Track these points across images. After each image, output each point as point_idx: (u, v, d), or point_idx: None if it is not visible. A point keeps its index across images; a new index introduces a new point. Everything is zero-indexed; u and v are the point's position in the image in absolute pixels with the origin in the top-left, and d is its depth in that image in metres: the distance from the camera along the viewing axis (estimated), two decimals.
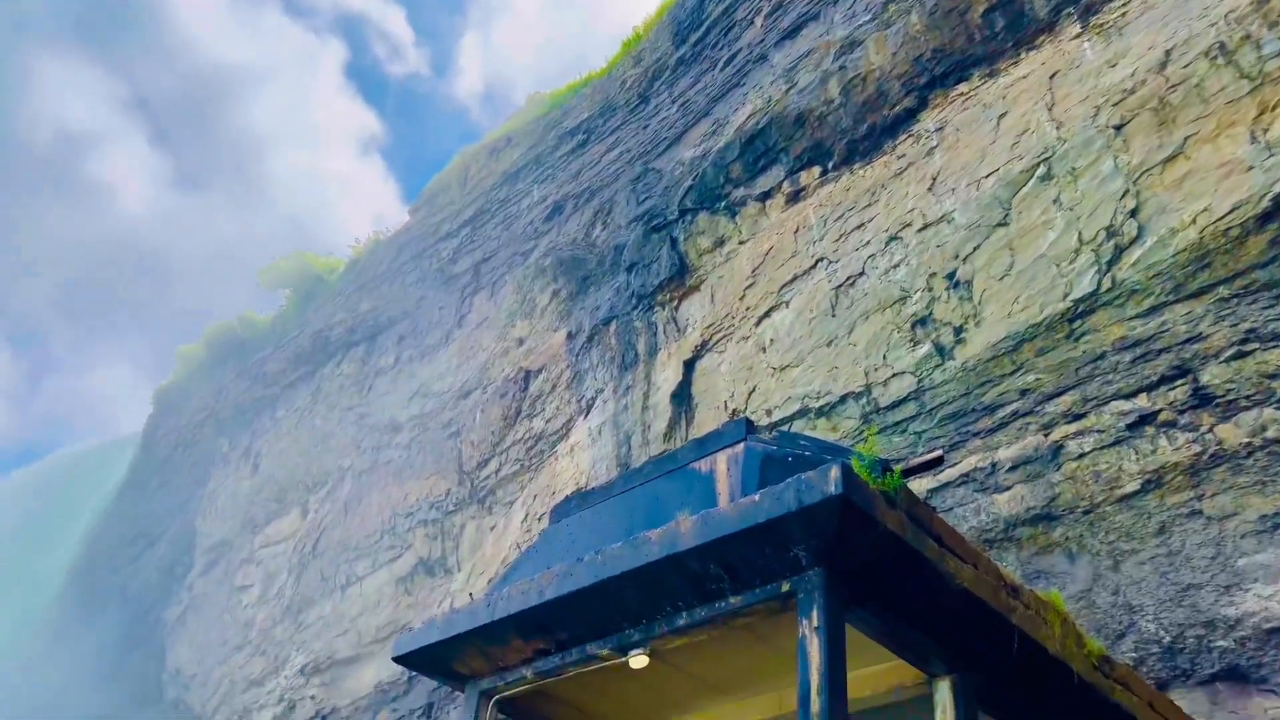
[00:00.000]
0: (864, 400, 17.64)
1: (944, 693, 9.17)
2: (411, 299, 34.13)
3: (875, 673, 9.95)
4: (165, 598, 40.45)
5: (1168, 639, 13.44)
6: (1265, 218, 13.55)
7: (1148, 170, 14.95)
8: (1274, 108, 13.82)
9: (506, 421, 27.82)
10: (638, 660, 9.75)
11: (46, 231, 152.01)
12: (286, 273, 41.74)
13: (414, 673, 26.80)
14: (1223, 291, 13.96)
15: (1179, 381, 14.11)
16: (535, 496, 26.01)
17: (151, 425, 47.98)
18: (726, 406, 20.26)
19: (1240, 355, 13.65)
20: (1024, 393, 15.54)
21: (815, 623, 7.99)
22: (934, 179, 17.90)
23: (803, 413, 18.54)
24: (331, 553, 32.20)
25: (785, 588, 8.39)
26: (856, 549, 8.04)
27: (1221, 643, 13.01)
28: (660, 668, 10.29)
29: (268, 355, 39.88)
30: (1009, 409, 15.66)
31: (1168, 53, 15.02)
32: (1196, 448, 13.83)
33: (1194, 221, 14.20)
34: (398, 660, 11.38)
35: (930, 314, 17.10)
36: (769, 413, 19.02)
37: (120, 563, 44.99)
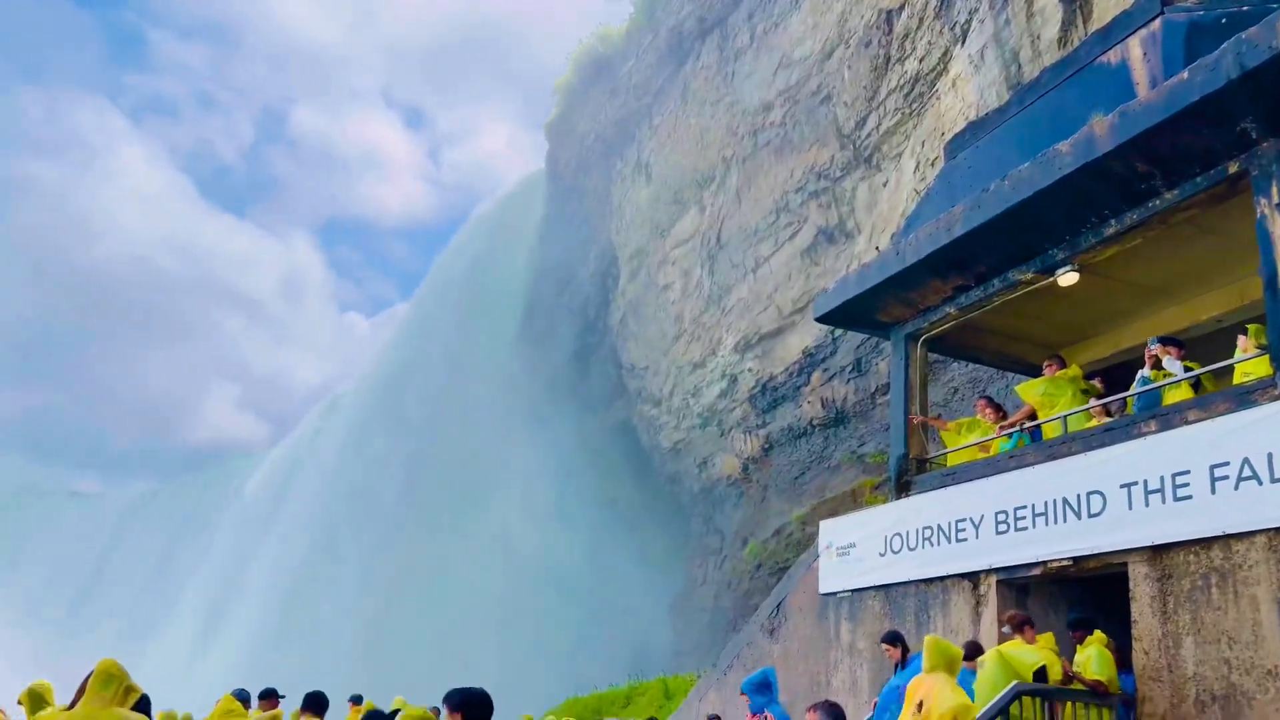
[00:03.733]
0: None
1: None
2: None
3: None
4: (605, 306, 45.51)
5: None
6: None
7: None
8: None
9: (877, 72, 26.39)
10: (1066, 278, 9.40)
11: (389, 13, 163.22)
12: None
13: (838, 331, 28.18)
14: None
15: None
16: (923, 143, 24.90)
17: (551, 159, 52.12)
18: None
19: None
20: None
21: (1277, 199, 7.08)
22: None
23: None
24: (735, 241, 33.81)
25: (1233, 169, 7.45)
26: None
27: None
28: (1091, 281, 9.84)
29: (631, 67, 40.81)
30: None
31: None
32: None
33: None
34: (820, 319, 12.00)
35: None
36: None
37: (560, 285, 50.99)
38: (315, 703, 7.56)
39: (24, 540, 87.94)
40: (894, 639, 8.61)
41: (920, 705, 6.87)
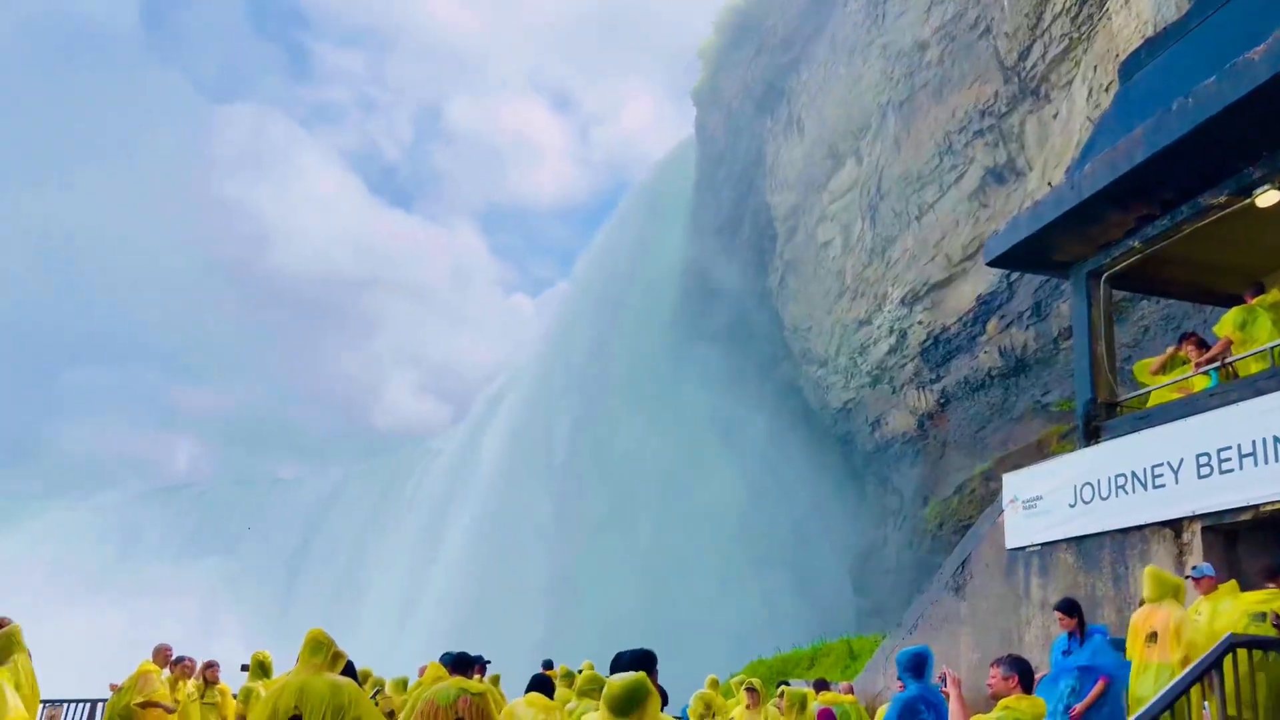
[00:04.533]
0: None
1: None
2: None
3: None
4: (763, 269, 45.07)
5: None
6: None
7: None
8: None
9: None
10: (1266, 197, 8.63)
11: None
12: None
13: (1014, 275, 26.85)
14: None
15: None
16: (1094, 67, 23.31)
17: (700, 126, 51.87)
18: None
19: None
20: None
21: None
22: None
23: None
24: (896, 189, 32.71)
25: None
26: None
27: None
28: None
29: (775, 22, 40.01)
30: None
31: None
32: None
33: None
34: (992, 263, 11.49)
35: None
36: None
37: (718, 250, 50.80)
38: (459, 663, 7.12)
39: (240, 525, 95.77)
40: (1071, 609, 7.89)
41: (1154, 635, 6.75)
